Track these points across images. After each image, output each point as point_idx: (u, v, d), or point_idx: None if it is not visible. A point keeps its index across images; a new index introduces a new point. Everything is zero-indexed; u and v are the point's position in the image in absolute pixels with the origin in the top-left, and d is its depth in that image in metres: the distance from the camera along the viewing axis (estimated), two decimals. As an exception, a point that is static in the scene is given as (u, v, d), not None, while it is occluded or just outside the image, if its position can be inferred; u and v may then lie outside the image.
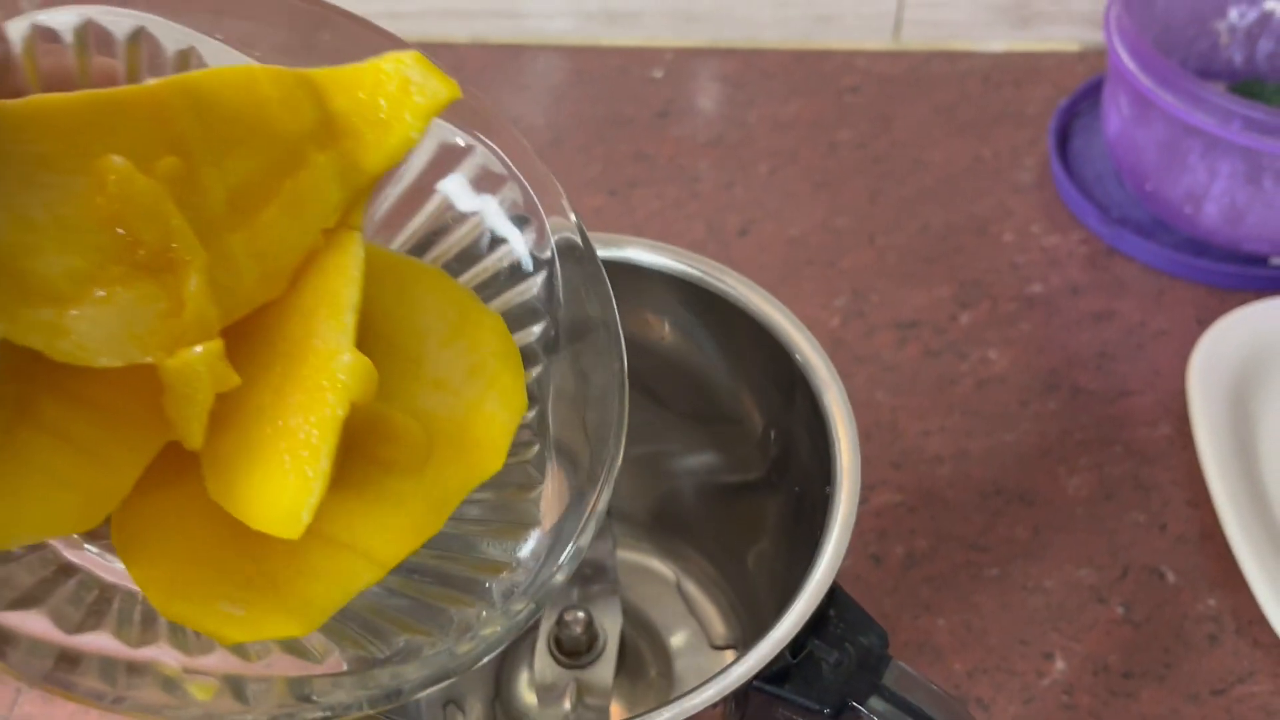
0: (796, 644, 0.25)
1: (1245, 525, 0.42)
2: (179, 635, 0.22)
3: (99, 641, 0.21)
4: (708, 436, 0.37)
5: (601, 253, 0.31)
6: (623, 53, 0.67)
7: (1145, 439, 0.47)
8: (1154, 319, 0.52)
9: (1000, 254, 0.55)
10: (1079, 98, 0.60)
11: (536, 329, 0.25)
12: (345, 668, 0.23)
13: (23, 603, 0.20)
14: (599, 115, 0.63)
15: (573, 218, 0.26)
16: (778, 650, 0.24)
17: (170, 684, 0.22)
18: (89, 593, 0.22)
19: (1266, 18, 0.57)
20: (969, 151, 0.60)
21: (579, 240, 0.26)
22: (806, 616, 0.24)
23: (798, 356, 0.30)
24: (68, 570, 0.22)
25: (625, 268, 0.33)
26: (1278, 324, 0.48)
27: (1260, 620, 0.41)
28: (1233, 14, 0.57)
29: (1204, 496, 0.45)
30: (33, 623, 0.20)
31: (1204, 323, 0.50)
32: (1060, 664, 0.41)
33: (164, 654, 0.22)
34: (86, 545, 0.23)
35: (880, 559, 0.44)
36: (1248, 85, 0.55)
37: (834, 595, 0.26)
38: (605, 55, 0.67)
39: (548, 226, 0.26)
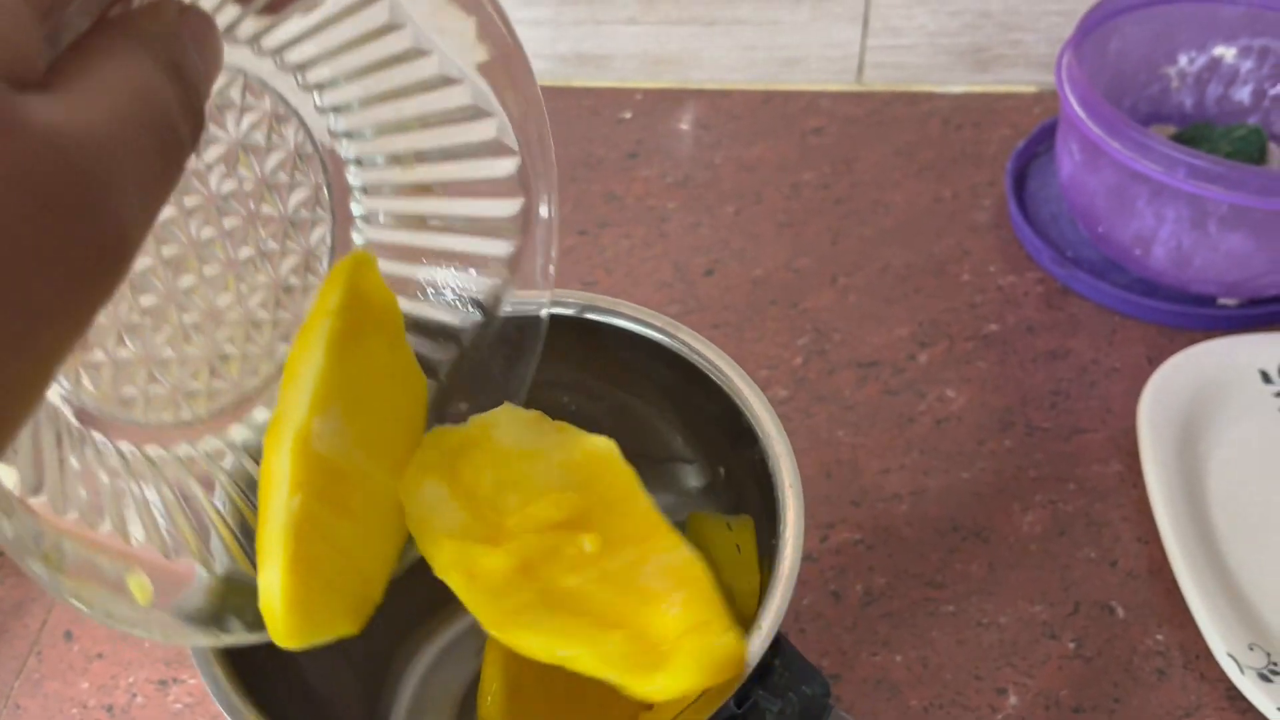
0: (742, 695, 0.26)
1: (1192, 561, 0.43)
2: (121, 528, 0.25)
3: (70, 521, 0.24)
4: (660, 478, 0.38)
5: (562, 311, 0.33)
6: (594, 94, 0.68)
7: (1097, 476, 0.49)
8: (1106, 357, 0.53)
9: (958, 293, 0.56)
10: (1035, 140, 0.61)
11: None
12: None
13: (35, 489, 0.23)
14: (570, 156, 0.64)
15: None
16: (723, 701, 0.25)
17: (116, 575, 0.24)
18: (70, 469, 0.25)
19: (1215, 63, 0.58)
20: (929, 192, 0.61)
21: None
22: (752, 667, 0.25)
23: (748, 414, 0.31)
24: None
25: (583, 322, 0.34)
26: (1225, 363, 0.50)
27: (1206, 655, 0.42)
28: (1182, 60, 0.59)
29: (1153, 532, 0.46)
30: (34, 500, 0.23)
31: (1154, 361, 0.52)
32: (1013, 699, 0.42)
33: (112, 539, 0.24)
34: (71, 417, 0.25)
35: (840, 595, 0.45)
36: (1197, 128, 0.57)
37: (778, 645, 0.27)
38: (577, 96, 0.68)
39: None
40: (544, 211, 0.30)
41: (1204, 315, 0.53)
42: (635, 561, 0.29)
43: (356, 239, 0.31)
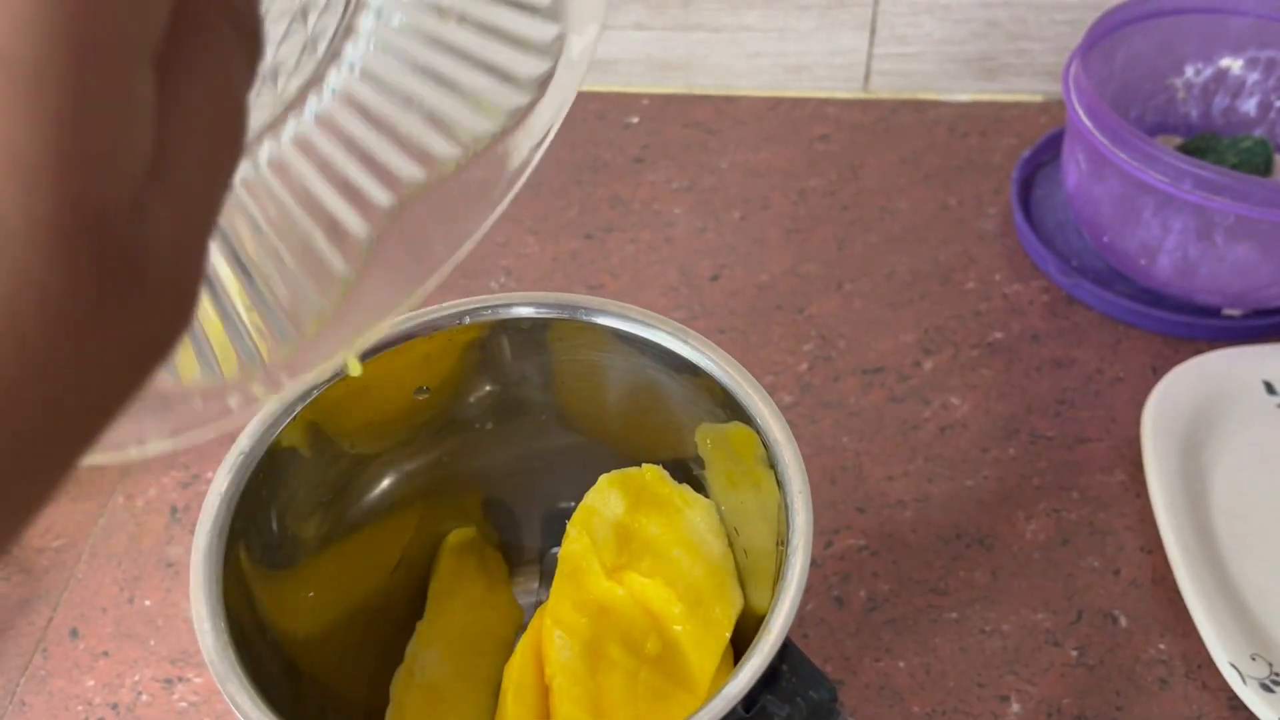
0: (749, 699, 0.26)
1: (1195, 571, 0.43)
2: None
3: None
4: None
5: (573, 315, 0.33)
6: (600, 98, 0.69)
7: (1101, 485, 0.49)
8: (1111, 367, 0.53)
9: (964, 301, 0.56)
10: (1041, 148, 0.62)
11: None
12: None
13: None
14: (576, 160, 0.65)
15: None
16: (730, 706, 0.25)
17: None
18: None
19: (1221, 74, 0.59)
20: (935, 200, 0.62)
21: None
22: (760, 673, 0.26)
23: (757, 419, 0.31)
24: None
25: (592, 326, 0.34)
26: (1229, 374, 0.50)
27: (1209, 664, 0.43)
28: (1189, 71, 0.59)
29: (1156, 542, 0.46)
30: None
31: (1159, 371, 0.52)
32: (1016, 706, 0.42)
33: None
34: None
35: (843, 601, 0.45)
36: (1203, 139, 0.57)
37: (785, 651, 0.27)
38: (583, 100, 0.68)
39: None
40: (553, 103, 0.29)
41: (1209, 326, 0.53)
42: (664, 695, 0.32)
43: (364, 24, 0.29)
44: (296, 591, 0.33)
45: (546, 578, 0.41)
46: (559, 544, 0.41)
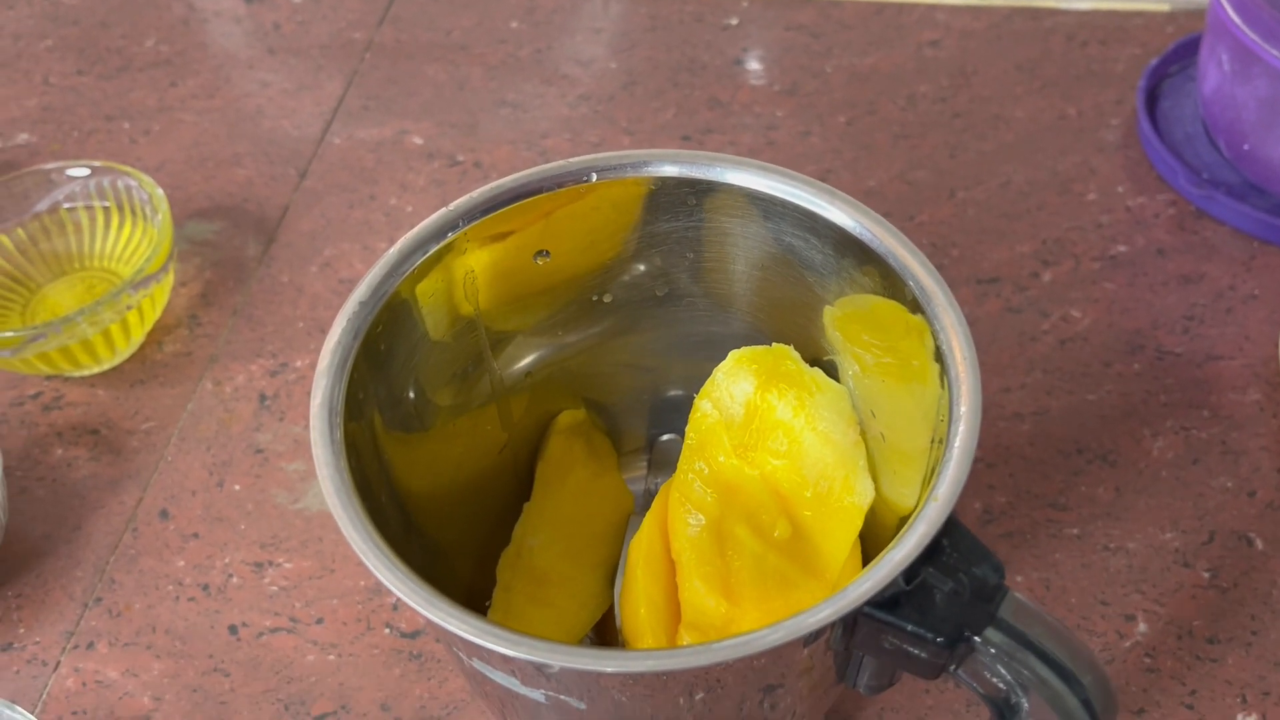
0: (910, 572, 0.24)
1: (1340, 493, 0.41)
2: None
3: None
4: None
5: (702, 173, 0.31)
6: (696, 0, 0.66)
7: (1234, 404, 0.46)
8: (1244, 283, 0.50)
9: (1084, 213, 0.53)
10: (1169, 57, 0.58)
11: None
12: None
13: None
14: (672, 61, 0.62)
15: None
16: (894, 574, 0.23)
17: None
18: None
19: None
20: (1052, 109, 0.58)
21: None
22: (924, 542, 0.24)
23: (912, 283, 0.29)
24: None
25: (728, 188, 0.32)
26: (1376, 292, 0.47)
27: (1352, 591, 0.40)
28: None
29: (1295, 464, 0.43)
30: None
31: (1297, 289, 0.49)
32: (1142, 626, 0.40)
33: None
34: None
35: (958, 513, 0.43)
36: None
37: (948, 525, 0.25)
38: (679, 2, 0.66)
39: None
40: None
41: (1353, 242, 0.50)
42: (792, 582, 0.30)
43: None
44: (411, 461, 0.31)
45: (655, 466, 0.39)
46: (666, 432, 0.39)
